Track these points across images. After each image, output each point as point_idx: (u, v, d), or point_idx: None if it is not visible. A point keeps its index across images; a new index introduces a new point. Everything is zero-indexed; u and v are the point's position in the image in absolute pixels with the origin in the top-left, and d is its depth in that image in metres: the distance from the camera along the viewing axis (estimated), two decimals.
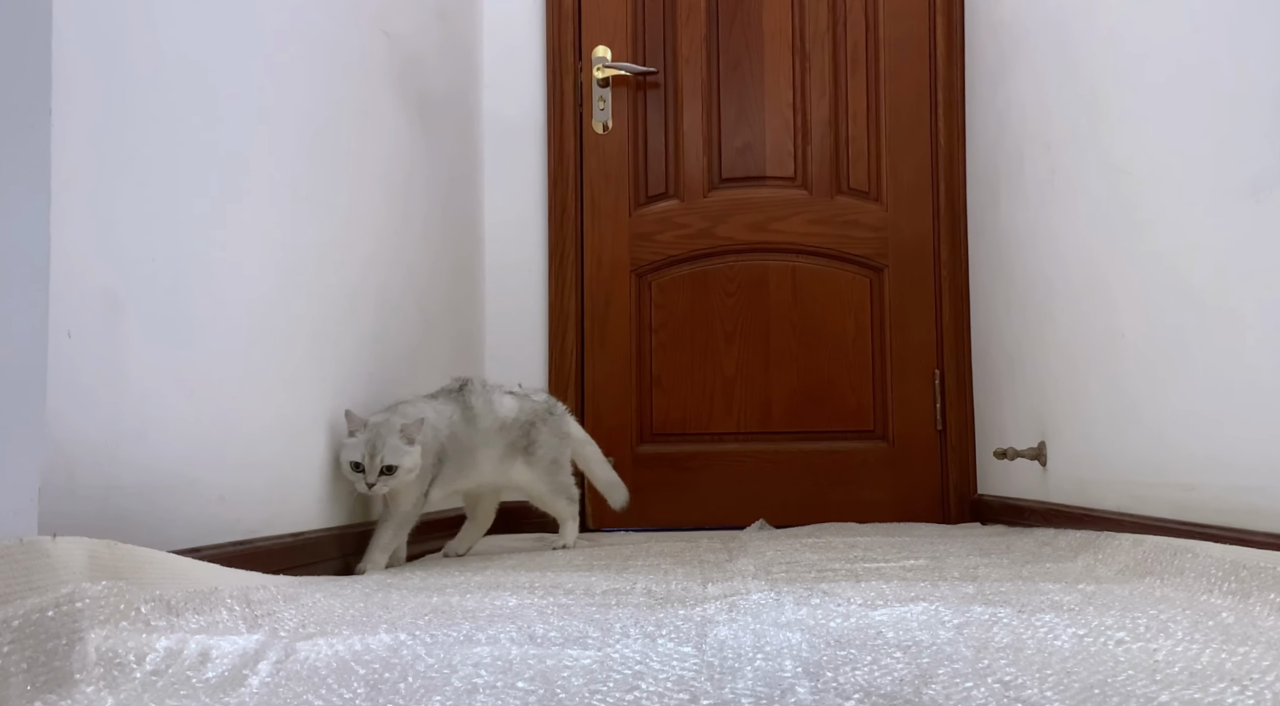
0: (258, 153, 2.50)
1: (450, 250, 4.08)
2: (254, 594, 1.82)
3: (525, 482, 3.33)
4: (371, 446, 2.75)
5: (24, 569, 1.41)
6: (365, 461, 2.74)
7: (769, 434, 4.50)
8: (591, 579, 2.49)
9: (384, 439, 2.76)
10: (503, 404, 3.23)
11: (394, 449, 2.76)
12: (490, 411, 3.19)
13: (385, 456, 2.75)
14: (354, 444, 2.76)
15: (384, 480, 2.76)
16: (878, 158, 4.57)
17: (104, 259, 1.88)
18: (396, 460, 2.76)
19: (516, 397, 3.29)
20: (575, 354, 4.52)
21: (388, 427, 2.78)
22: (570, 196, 4.55)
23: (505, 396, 3.25)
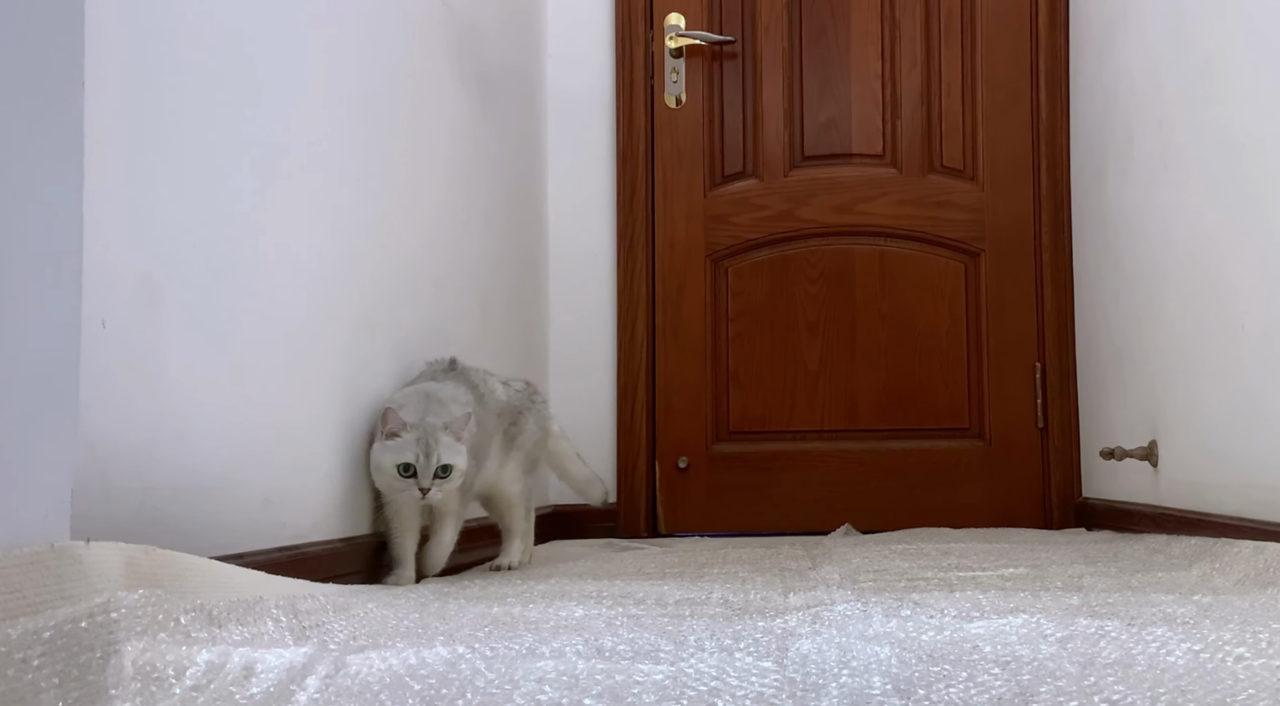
0: (305, 129, 2.50)
1: (511, 234, 4.08)
2: (301, 604, 1.83)
3: (500, 482, 3.07)
4: (425, 445, 2.56)
5: (55, 576, 1.41)
6: (419, 462, 2.55)
7: (855, 432, 4.49)
8: (664, 588, 2.48)
9: (436, 436, 2.58)
10: (493, 386, 3.02)
11: (449, 447, 2.60)
12: (491, 394, 2.99)
13: (442, 454, 2.57)
14: (402, 443, 2.57)
15: (439, 485, 2.59)
16: (973, 133, 4.55)
17: (141, 242, 1.89)
18: (453, 458, 2.60)
19: (499, 381, 3.08)
20: (646, 346, 4.52)
21: (435, 425, 2.60)
22: (640, 176, 4.55)
23: (490, 377, 3.03)
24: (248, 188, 2.25)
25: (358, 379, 2.72)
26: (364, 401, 2.74)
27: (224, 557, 1.97)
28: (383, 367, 2.87)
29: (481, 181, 3.73)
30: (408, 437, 2.58)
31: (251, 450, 2.24)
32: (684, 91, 4.57)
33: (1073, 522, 4.35)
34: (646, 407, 4.50)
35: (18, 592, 1.34)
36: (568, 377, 4.53)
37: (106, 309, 1.77)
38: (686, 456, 4.49)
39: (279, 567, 2.15)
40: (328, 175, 2.61)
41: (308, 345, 2.48)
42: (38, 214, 1.47)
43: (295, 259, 2.43)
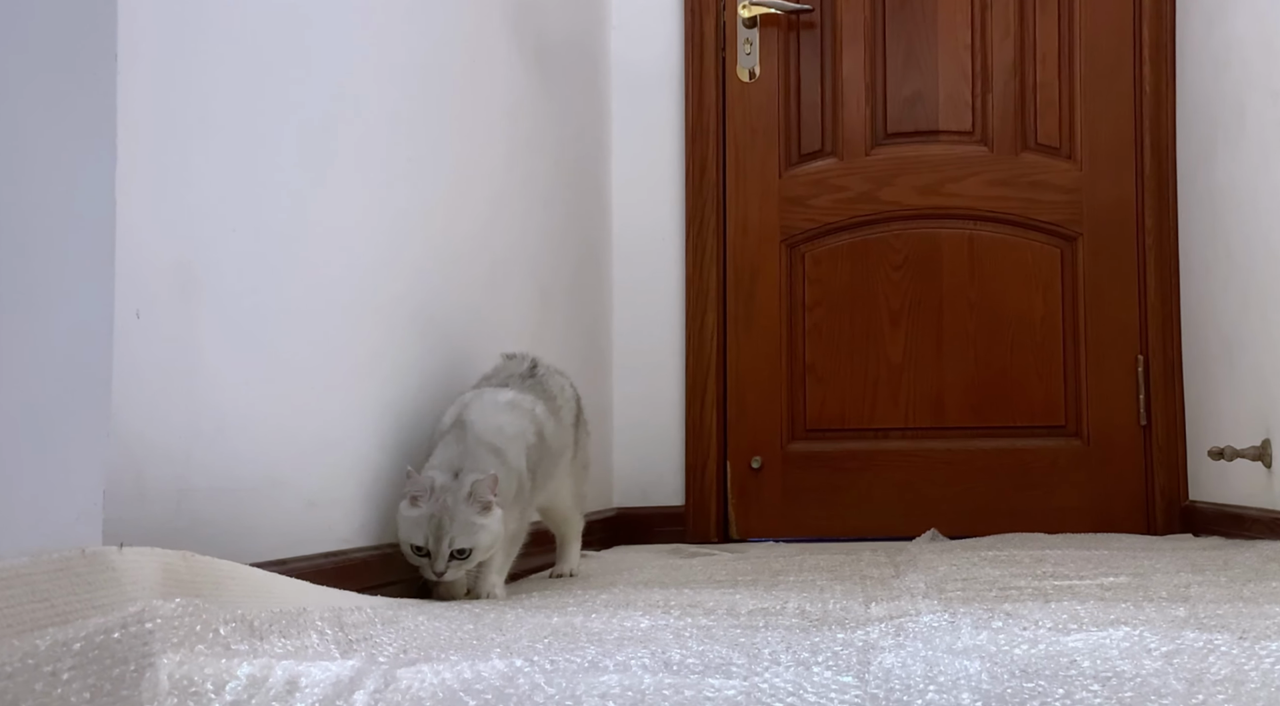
0: (354, 105, 2.50)
1: (572, 217, 4.08)
2: (348, 616, 1.83)
3: (560, 490, 2.98)
4: (437, 525, 2.39)
5: (86, 584, 1.41)
6: (430, 546, 2.40)
7: (942, 430, 4.48)
8: (736, 597, 2.48)
9: (452, 512, 2.40)
10: (565, 387, 2.94)
11: (466, 526, 2.41)
12: (565, 396, 2.91)
13: (456, 537, 2.40)
14: (414, 519, 2.41)
15: (456, 566, 2.43)
16: (1071, 108, 4.52)
17: (177, 228, 1.89)
18: (470, 540, 2.42)
19: (564, 377, 2.99)
20: (716, 337, 4.52)
21: (455, 494, 2.41)
22: (711, 155, 4.54)
23: (559, 376, 2.95)
24: (292, 168, 2.25)
25: (406, 373, 2.72)
26: (413, 397, 2.74)
27: (265, 564, 1.98)
28: (433, 361, 2.87)
29: (541, 161, 3.73)
30: (421, 512, 2.41)
31: (294, 449, 2.24)
32: (758, 64, 4.56)
33: (1178, 528, 4.32)
34: (717, 404, 4.49)
35: (46, 601, 1.34)
36: (632, 371, 4.53)
37: (140, 298, 1.77)
38: (760, 456, 4.49)
39: (324, 575, 2.15)
40: (377, 154, 2.61)
41: (353, 337, 2.48)
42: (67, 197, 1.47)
43: (341, 244, 2.43)
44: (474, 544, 2.42)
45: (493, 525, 2.45)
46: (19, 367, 1.37)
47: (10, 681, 1.21)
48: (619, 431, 4.53)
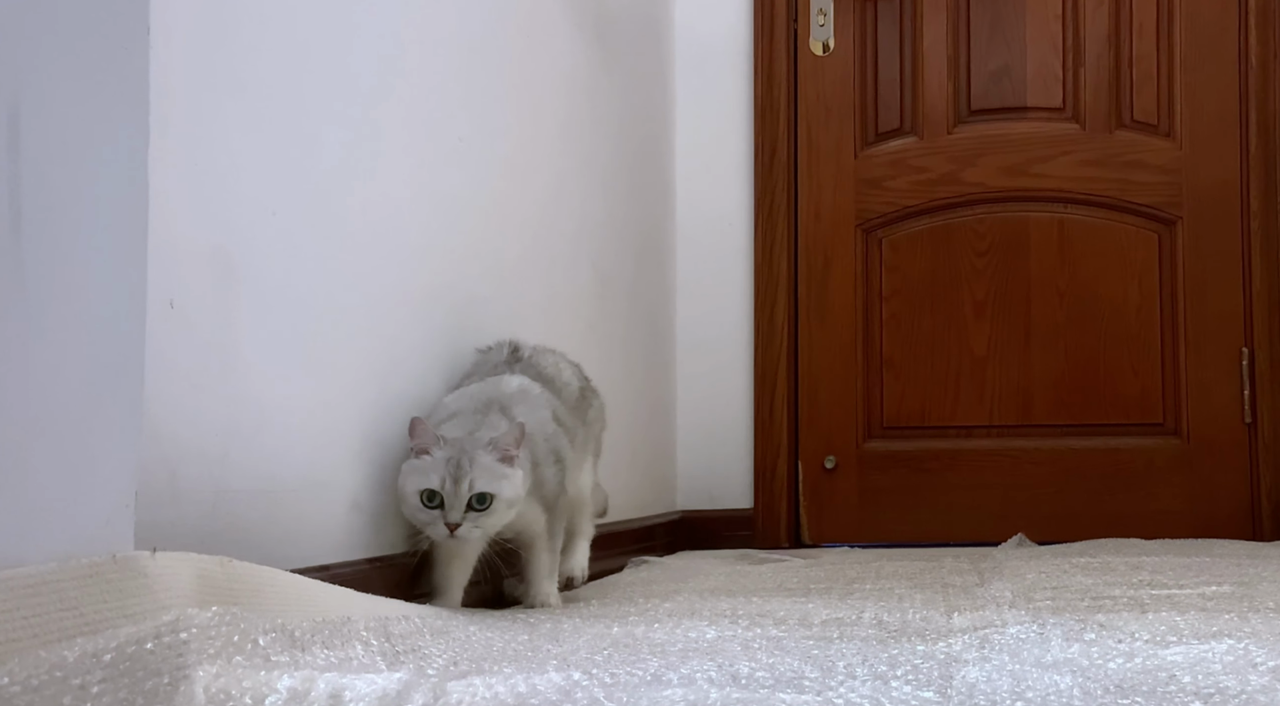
0: (402, 80, 2.51)
1: (634, 200, 4.08)
2: (394, 626, 1.84)
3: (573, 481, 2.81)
4: (456, 467, 2.26)
5: (117, 591, 1.42)
6: (445, 489, 2.26)
7: (1029, 427, 4.45)
8: (808, 606, 2.48)
9: (471, 455, 2.28)
10: (564, 372, 2.79)
11: (488, 469, 2.29)
12: (563, 379, 2.77)
13: (477, 479, 2.27)
14: (425, 465, 2.28)
15: (474, 519, 2.28)
16: (1169, 81, 4.48)
17: (213, 212, 1.90)
18: (493, 485, 2.28)
19: (558, 355, 2.84)
20: (786, 329, 4.51)
21: (473, 442, 2.30)
22: (782, 133, 4.53)
23: (558, 360, 2.81)
24: (335, 148, 2.25)
25: (455, 368, 2.73)
26: None
27: (307, 570, 1.98)
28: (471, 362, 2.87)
29: (600, 140, 3.73)
30: (436, 457, 2.27)
31: (337, 447, 2.25)
32: (832, 36, 4.54)
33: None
34: (788, 399, 4.49)
35: (74, 609, 1.35)
36: (697, 366, 4.53)
37: (174, 287, 1.78)
38: (834, 455, 4.48)
39: (370, 581, 2.15)
40: (424, 134, 2.61)
41: (401, 328, 2.49)
42: (96, 180, 1.47)
43: (386, 229, 2.44)
44: (498, 491, 2.27)
45: (516, 480, 2.32)
46: (46, 362, 1.37)
47: (37, 695, 1.22)
48: (683, 430, 4.52)
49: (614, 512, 3.26)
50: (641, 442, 4.06)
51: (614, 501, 3.21)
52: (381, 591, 2.14)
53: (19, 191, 1.34)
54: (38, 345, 1.36)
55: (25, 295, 1.34)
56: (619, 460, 3.77)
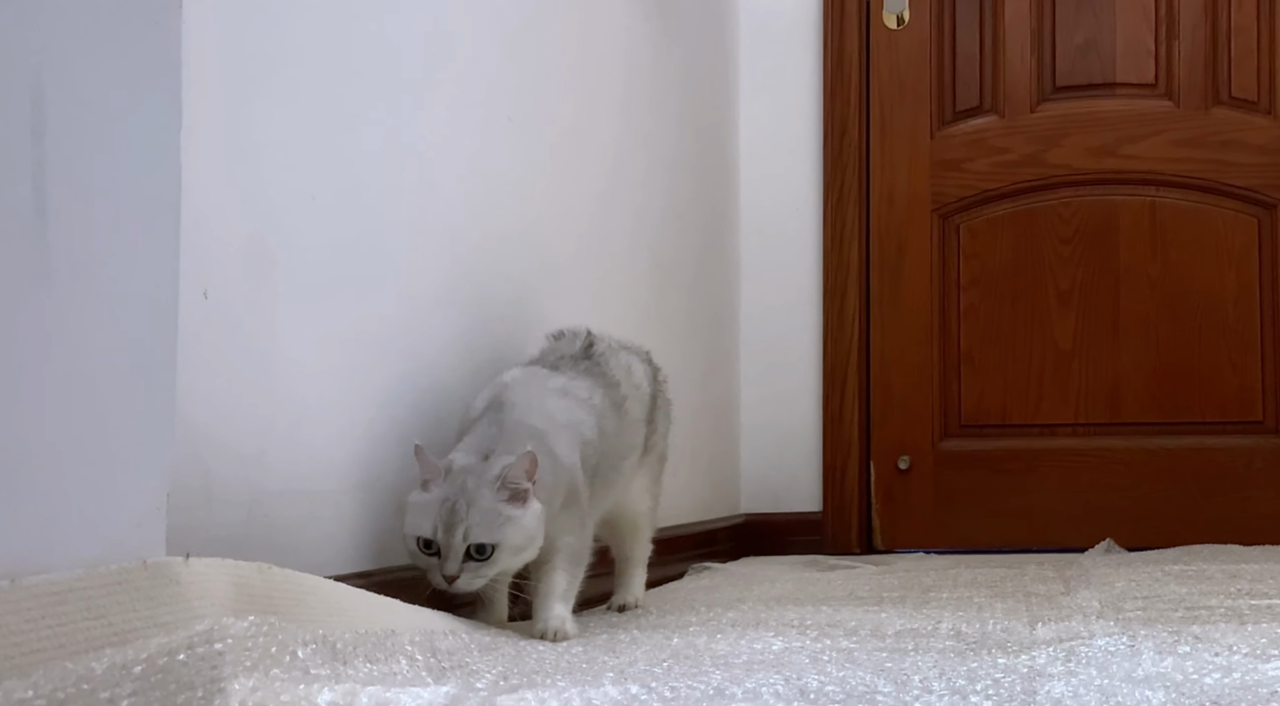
0: (449, 55, 2.51)
1: (695, 184, 4.08)
2: (441, 640, 1.84)
3: (627, 499, 2.68)
4: (449, 511, 2.09)
5: (148, 599, 1.42)
6: (439, 538, 2.08)
7: (1118, 426, 4.43)
8: (881, 616, 2.48)
9: (471, 496, 2.10)
10: (635, 374, 2.63)
11: (488, 515, 2.10)
12: (632, 384, 2.59)
13: (473, 528, 2.08)
14: (422, 505, 2.11)
15: (474, 570, 2.10)
16: (1271, 56, 4.45)
17: (250, 196, 1.90)
18: (493, 534, 2.10)
19: (635, 357, 2.69)
20: (857, 321, 4.50)
21: (478, 476, 2.11)
22: (853, 113, 4.52)
23: (631, 360, 2.65)
24: (378, 129, 2.26)
25: (506, 361, 2.73)
26: None
27: (348, 577, 1.98)
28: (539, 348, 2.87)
29: (660, 120, 3.73)
30: (433, 497, 2.11)
31: (381, 447, 2.25)
32: (907, 8, 4.54)
33: None
34: (859, 395, 4.48)
35: (103, 618, 1.35)
36: (762, 360, 4.53)
37: (208, 277, 1.78)
38: (908, 455, 4.47)
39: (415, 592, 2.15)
40: (474, 111, 2.62)
41: (446, 319, 2.49)
42: (125, 163, 1.48)
43: (432, 215, 2.44)
44: (498, 539, 2.09)
45: (527, 521, 2.13)
46: (72, 356, 1.37)
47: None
48: (747, 428, 4.52)
49: (674, 516, 3.25)
50: (703, 442, 4.05)
51: (674, 504, 3.20)
52: (427, 601, 2.14)
53: (44, 176, 1.34)
54: (63, 338, 1.36)
55: (50, 285, 1.35)
56: (679, 460, 3.76)
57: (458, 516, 2.07)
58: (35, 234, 1.33)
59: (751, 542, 4.33)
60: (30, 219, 1.32)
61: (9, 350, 1.30)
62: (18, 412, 1.31)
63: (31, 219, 1.32)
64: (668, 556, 3.30)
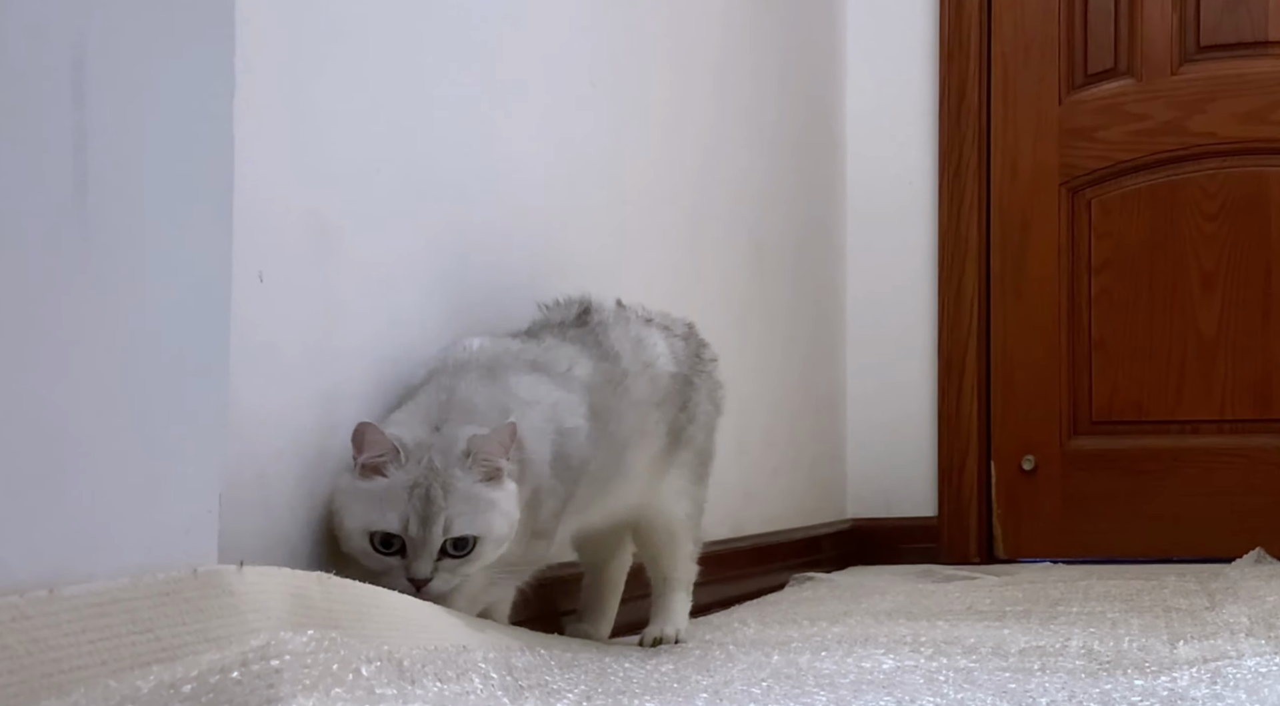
0: (527, 14, 2.51)
1: (797, 157, 4.08)
2: (517, 657, 1.85)
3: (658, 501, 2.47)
4: (423, 497, 1.89)
5: (198, 611, 1.43)
6: (411, 532, 1.88)
7: (1269, 422, 4.40)
8: (1004, 632, 2.47)
9: (445, 479, 1.91)
10: (655, 345, 2.40)
11: (470, 500, 1.92)
12: (641, 361, 2.35)
13: (455, 519, 1.90)
14: (378, 493, 1.89)
15: (451, 569, 1.92)
16: None
17: (309, 170, 1.91)
18: (477, 525, 1.92)
19: (661, 330, 2.47)
20: (977, 305, 4.48)
21: (445, 454, 1.92)
22: (972, 77, 4.50)
23: (649, 329, 2.43)
24: (448, 97, 2.26)
25: None
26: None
27: None
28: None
29: (760, 87, 3.72)
30: (394, 481, 1.90)
31: None
32: None
33: None
34: (978, 388, 4.46)
35: (149, 632, 1.36)
36: (870, 349, 4.52)
37: (263, 257, 1.79)
38: (1033, 455, 4.45)
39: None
40: (557, 77, 2.62)
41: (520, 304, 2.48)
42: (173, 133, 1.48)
43: (506, 191, 2.44)
44: (483, 531, 1.92)
45: (508, 505, 1.96)
46: (114, 344, 1.38)
47: None
48: (854, 424, 4.51)
49: (774, 521, 3.25)
50: (806, 439, 4.05)
51: (774, 508, 3.20)
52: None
53: (85, 147, 1.35)
54: (105, 325, 1.37)
55: (91, 267, 1.35)
56: (780, 460, 3.77)
57: (434, 505, 1.88)
58: (74, 210, 1.33)
59: (859, 550, 4.33)
60: (69, 193, 1.33)
61: (45, 339, 1.30)
62: (54, 407, 1.31)
63: (70, 194, 1.33)
64: (766, 565, 3.30)
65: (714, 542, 3.15)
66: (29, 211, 1.28)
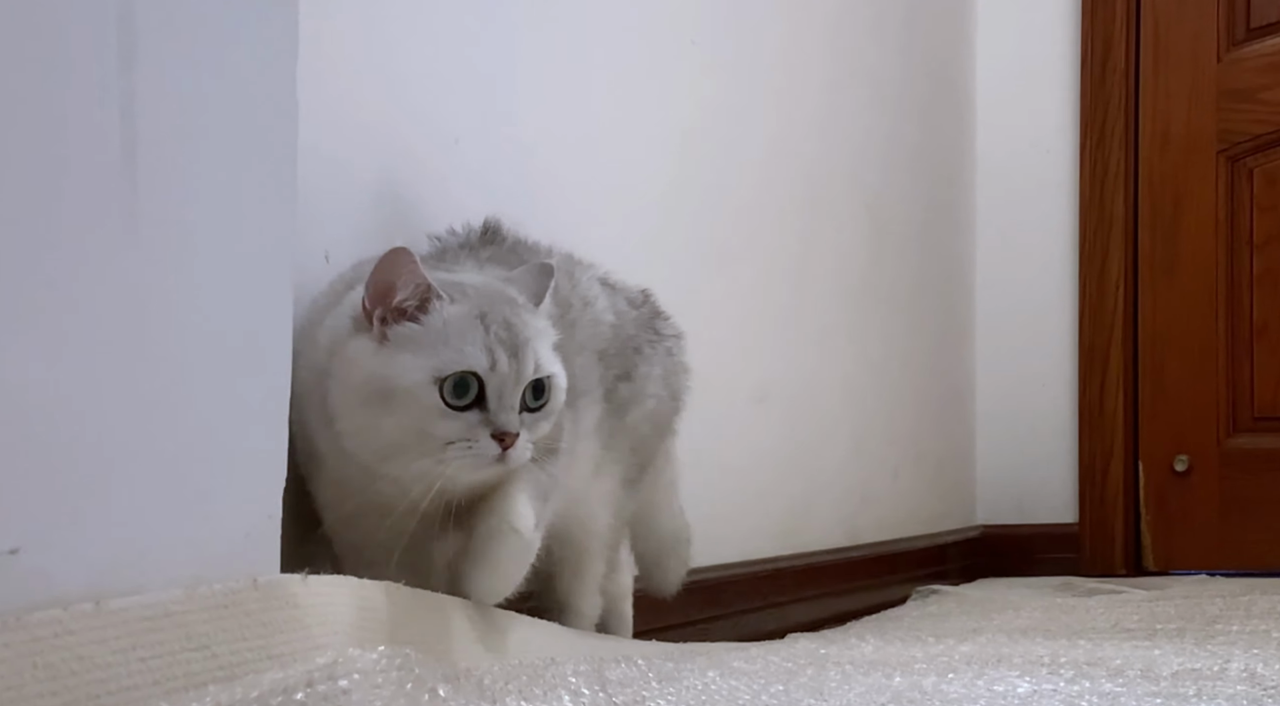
0: None
1: (921, 124, 4.07)
2: (611, 670, 1.85)
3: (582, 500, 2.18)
4: (506, 325, 1.75)
5: (260, 625, 1.43)
6: (500, 369, 1.72)
7: None
8: (1154, 653, 2.45)
9: (522, 316, 1.79)
10: (590, 285, 2.18)
11: (541, 335, 1.81)
12: (579, 296, 2.14)
13: (541, 355, 1.78)
14: (439, 330, 1.72)
15: (531, 426, 1.77)
16: None
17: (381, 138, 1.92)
18: (556, 365, 1.81)
19: (594, 279, 2.20)
20: (1123, 289, 4.47)
21: (497, 288, 1.82)
22: (1118, 33, 4.49)
23: (579, 267, 2.19)
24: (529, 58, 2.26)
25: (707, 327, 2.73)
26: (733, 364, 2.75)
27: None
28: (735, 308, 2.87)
29: (881, 44, 3.72)
30: (456, 315, 1.73)
31: None
32: None
33: None
34: (1123, 380, 4.44)
35: (205, 649, 1.37)
36: (1002, 335, 4.51)
37: (329, 234, 1.79)
38: (1186, 455, 4.43)
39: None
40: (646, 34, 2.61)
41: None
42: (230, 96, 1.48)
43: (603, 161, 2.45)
44: (558, 373, 1.82)
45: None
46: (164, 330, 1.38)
47: None
48: (984, 419, 4.50)
49: (894, 528, 3.24)
50: (930, 437, 4.04)
51: (894, 512, 3.18)
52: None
53: (133, 112, 1.35)
54: (155, 312, 1.37)
55: (139, 244, 1.36)
56: (901, 459, 3.76)
57: (519, 334, 1.74)
58: (123, 183, 1.34)
59: (990, 560, 4.33)
60: (117, 165, 1.33)
61: (87, 329, 1.31)
62: (100, 404, 1.31)
63: (118, 165, 1.33)
64: (886, 577, 3.29)
65: (827, 551, 3.17)
66: (70, 189, 1.28)
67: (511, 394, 1.71)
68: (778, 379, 3.12)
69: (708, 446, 2.79)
